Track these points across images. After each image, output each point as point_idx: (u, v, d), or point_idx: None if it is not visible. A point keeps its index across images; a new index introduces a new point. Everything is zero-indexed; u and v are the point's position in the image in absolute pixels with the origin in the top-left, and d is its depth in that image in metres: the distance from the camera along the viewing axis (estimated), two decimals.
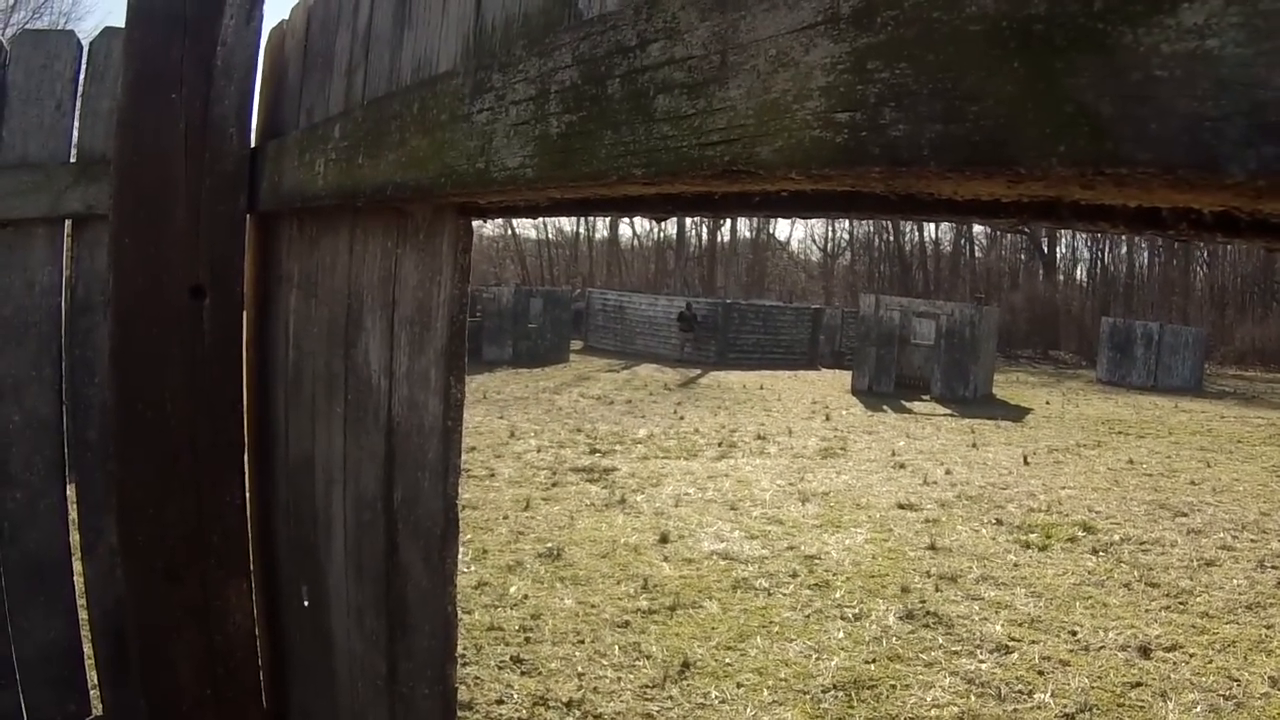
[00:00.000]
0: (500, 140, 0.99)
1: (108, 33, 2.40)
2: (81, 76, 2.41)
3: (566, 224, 64.51)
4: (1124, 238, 54.19)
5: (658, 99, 0.75)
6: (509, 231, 61.58)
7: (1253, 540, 8.68)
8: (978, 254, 59.09)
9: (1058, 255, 56.26)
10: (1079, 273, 57.61)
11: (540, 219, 1.15)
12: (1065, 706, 4.71)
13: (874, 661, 5.23)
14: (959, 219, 0.66)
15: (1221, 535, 8.81)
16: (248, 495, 2.12)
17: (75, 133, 2.43)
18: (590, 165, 0.84)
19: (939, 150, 0.52)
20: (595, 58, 0.84)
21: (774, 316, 32.09)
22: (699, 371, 25.34)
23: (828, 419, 16.67)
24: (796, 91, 0.62)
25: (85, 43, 2.44)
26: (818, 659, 5.25)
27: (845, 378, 24.46)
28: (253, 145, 2.09)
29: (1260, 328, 43.62)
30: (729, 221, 59.18)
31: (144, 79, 1.95)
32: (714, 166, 0.70)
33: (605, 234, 65.43)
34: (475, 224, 1.31)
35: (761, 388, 21.89)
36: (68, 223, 2.42)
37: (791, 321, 32.15)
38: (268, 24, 2.12)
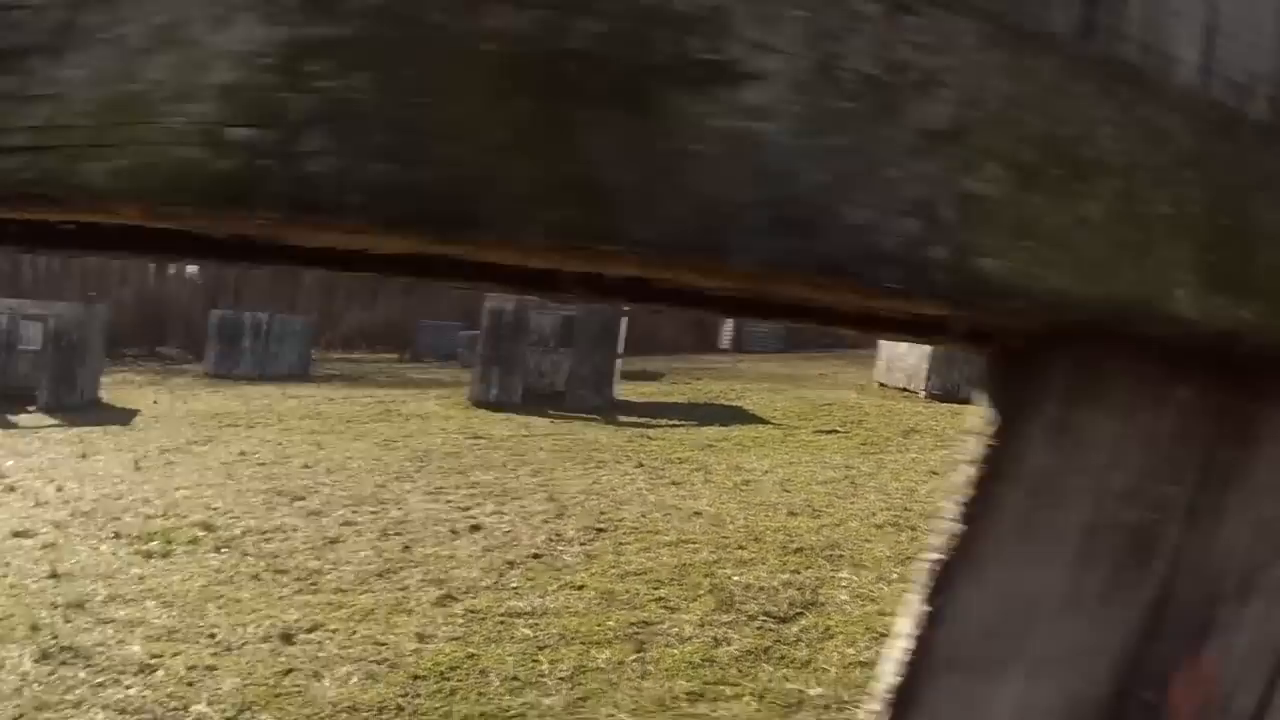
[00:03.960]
0: None
1: None
2: None
3: None
4: None
5: None
6: None
7: (373, 512, 9.76)
8: None
9: None
10: (190, 267, 56.97)
11: None
12: (225, 711, 4.67)
13: (21, 717, 4.60)
14: (286, 262, 0.55)
15: (342, 512, 9.70)
16: None
17: None
18: None
19: (380, 199, 0.40)
20: None
21: None
22: None
23: None
24: (178, 86, 0.42)
25: None
26: None
27: None
28: None
29: (368, 312, 49.10)
30: None
31: None
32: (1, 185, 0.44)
33: None
34: None
35: None
36: None
37: None
38: None
